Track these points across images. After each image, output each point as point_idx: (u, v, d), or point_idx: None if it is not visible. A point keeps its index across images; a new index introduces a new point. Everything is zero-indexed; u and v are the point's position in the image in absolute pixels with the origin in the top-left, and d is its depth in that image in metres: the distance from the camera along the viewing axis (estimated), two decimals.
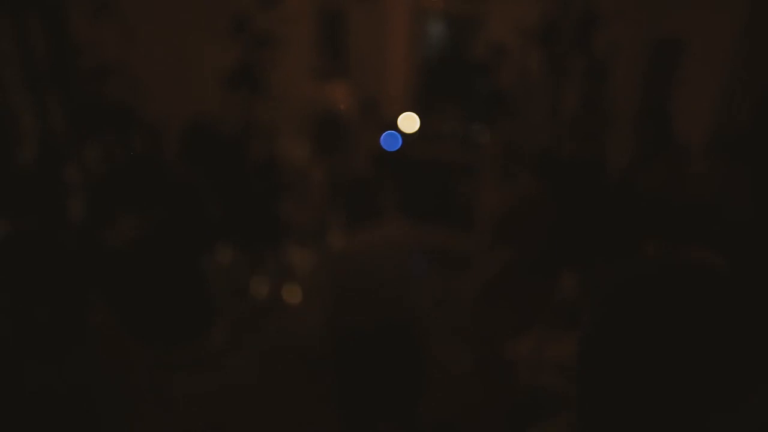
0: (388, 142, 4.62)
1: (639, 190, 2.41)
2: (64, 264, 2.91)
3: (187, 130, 3.33)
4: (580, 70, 4.39)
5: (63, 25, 4.14)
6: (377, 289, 1.76)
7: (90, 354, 2.74)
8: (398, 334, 1.85)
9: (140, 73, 3.96)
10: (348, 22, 5.91)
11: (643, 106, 4.13)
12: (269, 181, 3.39)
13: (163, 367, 1.76)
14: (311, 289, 2.80)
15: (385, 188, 1.82)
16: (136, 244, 1.67)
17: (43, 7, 4.02)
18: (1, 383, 2.18)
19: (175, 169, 2.58)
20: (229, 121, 3.49)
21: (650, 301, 0.62)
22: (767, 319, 0.66)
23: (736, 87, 2.99)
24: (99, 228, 3.06)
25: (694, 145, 3.16)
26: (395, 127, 4.80)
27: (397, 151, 4.42)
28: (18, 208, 2.75)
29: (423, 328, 1.91)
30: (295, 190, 4.13)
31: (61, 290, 2.85)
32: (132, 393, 1.86)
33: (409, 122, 4.78)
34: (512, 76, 5.04)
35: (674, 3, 3.72)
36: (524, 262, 1.98)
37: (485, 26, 5.45)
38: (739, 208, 1.77)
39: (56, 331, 2.86)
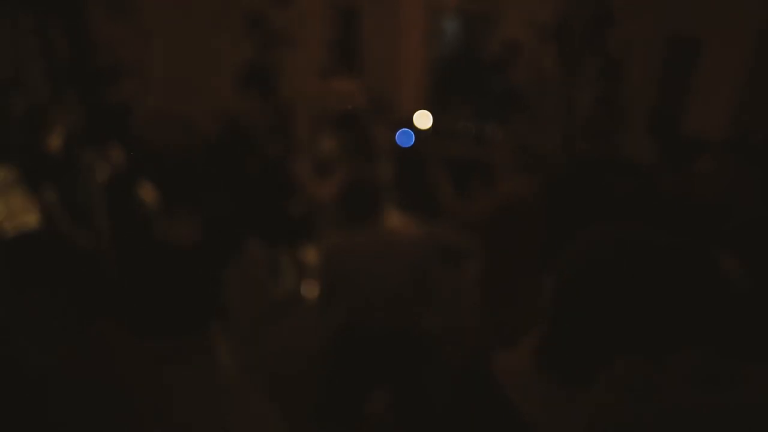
0: (402, 139, 4.63)
1: (656, 190, 2.39)
2: (79, 259, 2.99)
3: (213, 129, 3.37)
4: (594, 68, 4.35)
5: (82, 24, 4.23)
6: (379, 288, 1.71)
7: (92, 344, 2.82)
8: (400, 333, 1.81)
9: (155, 71, 4.02)
10: (362, 20, 5.93)
11: (657, 105, 4.08)
12: (285, 178, 3.42)
13: (164, 359, 1.78)
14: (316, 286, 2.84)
15: (401, 185, 1.82)
16: (156, 239, 1.70)
17: (64, 8, 4.12)
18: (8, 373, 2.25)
19: (196, 166, 2.63)
20: (245, 120, 3.53)
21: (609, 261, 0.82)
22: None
23: (751, 87, 2.95)
24: (122, 222, 3.15)
25: (707, 144, 3.12)
26: (409, 125, 4.80)
27: (410, 148, 4.43)
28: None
29: (425, 328, 1.88)
30: (316, 185, 4.20)
31: (74, 285, 2.94)
32: (131, 383, 1.89)
33: (422, 119, 4.78)
34: (526, 73, 5.02)
35: (690, 2, 3.66)
36: (521, 263, 1.99)
37: (500, 24, 5.42)
38: (746, 208, 1.75)
39: (65, 322, 2.95)
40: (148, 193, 1.79)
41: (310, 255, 4.03)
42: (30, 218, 3.02)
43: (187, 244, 1.67)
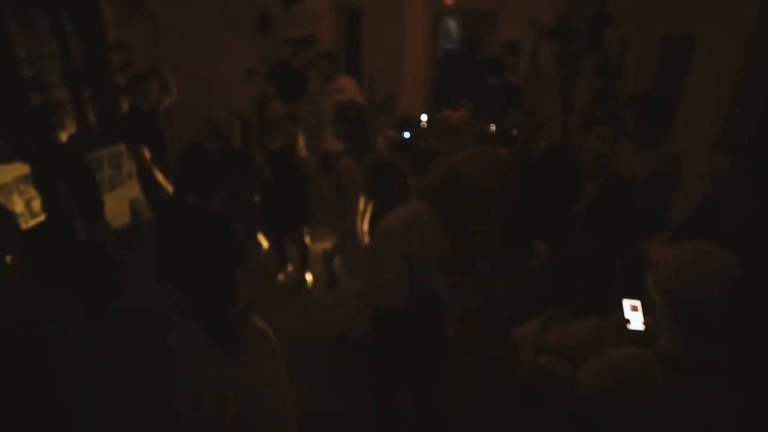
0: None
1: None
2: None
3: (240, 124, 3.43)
4: (592, 66, 4.34)
5: (97, 26, 4.25)
6: (425, 255, 1.86)
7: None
8: (430, 305, 1.98)
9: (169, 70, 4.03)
10: (366, 21, 5.91)
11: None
12: (291, 171, 3.43)
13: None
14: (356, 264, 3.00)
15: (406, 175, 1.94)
16: (192, 220, 1.83)
17: (79, 10, 4.13)
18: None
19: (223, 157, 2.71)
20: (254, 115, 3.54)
21: None
22: None
23: (746, 85, 2.92)
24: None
25: (703, 143, 3.11)
26: (410, 122, 4.82)
27: (411, 143, 4.46)
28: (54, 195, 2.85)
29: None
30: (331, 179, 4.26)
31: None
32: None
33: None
34: (525, 72, 5.00)
35: (686, 2, 3.63)
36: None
37: (500, 23, 5.39)
38: (745, 208, 1.74)
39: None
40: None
41: (314, 243, 4.07)
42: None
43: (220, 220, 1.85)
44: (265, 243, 4.20)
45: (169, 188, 3.63)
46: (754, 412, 1.26)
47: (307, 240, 3.73)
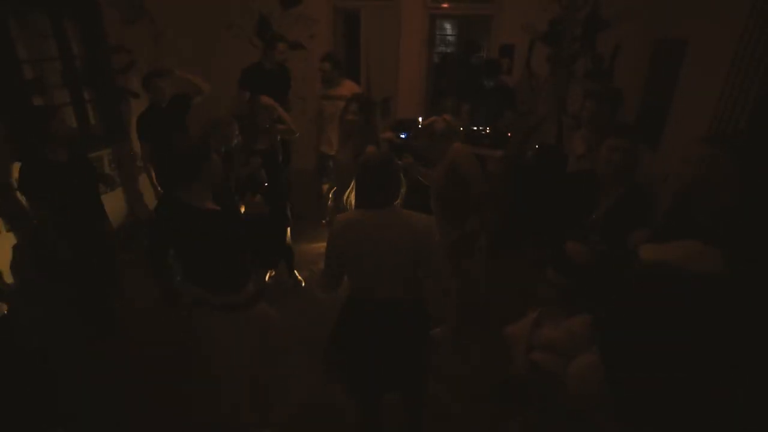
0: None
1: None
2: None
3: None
4: (584, 69, 4.34)
5: (98, 28, 4.22)
6: (386, 259, 1.74)
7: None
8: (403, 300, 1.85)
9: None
10: (363, 24, 5.89)
11: (645, 104, 4.06)
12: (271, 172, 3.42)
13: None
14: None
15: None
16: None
17: (80, 12, 4.11)
18: None
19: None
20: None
21: None
22: None
23: (735, 85, 2.93)
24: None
25: (693, 141, 3.10)
26: (407, 124, 4.82)
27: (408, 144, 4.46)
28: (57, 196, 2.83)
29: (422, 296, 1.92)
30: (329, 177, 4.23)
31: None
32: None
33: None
34: (520, 74, 5.00)
35: (677, 6, 3.64)
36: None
37: (496, 27, 5.38)
38: (735, 205, 1.73)
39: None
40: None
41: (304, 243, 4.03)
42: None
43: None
44: None
45: (158, 188, 3.68)
46: (750, 409, 1.25)
47: (288, 238, 3.68)
